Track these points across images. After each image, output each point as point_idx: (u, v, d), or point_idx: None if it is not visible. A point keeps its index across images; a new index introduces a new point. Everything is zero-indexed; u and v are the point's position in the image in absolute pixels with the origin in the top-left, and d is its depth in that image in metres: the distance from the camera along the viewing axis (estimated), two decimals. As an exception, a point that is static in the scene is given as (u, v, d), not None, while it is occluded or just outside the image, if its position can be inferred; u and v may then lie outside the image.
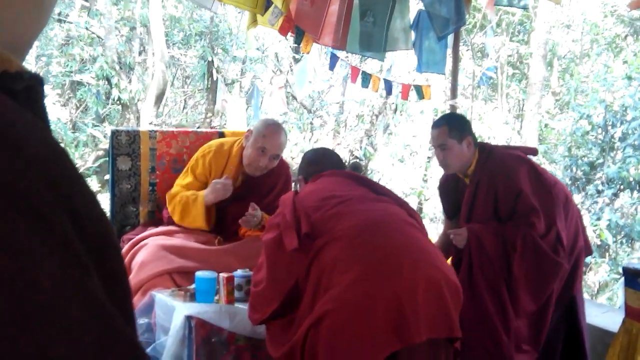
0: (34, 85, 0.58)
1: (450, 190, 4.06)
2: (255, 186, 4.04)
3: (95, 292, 0.51)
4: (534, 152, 4.15)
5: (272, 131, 3.91)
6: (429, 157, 12.76)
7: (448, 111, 5.47)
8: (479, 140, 4.03)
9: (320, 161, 3.18)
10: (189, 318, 3.10)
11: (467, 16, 5.11)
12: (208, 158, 4.07)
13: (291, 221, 2.65)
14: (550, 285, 3.60)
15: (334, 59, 5.26)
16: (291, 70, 12.83)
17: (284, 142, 3.97)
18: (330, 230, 2.58)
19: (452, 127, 3.75)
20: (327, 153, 3.32)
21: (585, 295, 8.27)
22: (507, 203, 3.62)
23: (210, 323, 3.10)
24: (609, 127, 8.62)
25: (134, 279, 3.62)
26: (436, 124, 3.88)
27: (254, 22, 4.33)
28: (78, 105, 12.93)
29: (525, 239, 3.53)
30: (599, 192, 8.33)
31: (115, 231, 4.31)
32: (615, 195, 8.37)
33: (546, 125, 12.32)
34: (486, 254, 3.57)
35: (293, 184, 4.02)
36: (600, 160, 8.64)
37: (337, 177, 3.01)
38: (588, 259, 7.88)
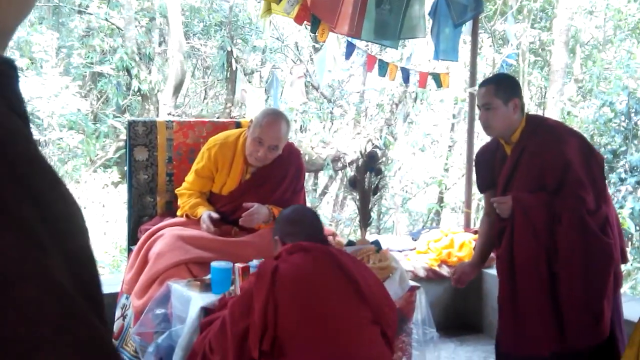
0: (4, 69, 0.57)
1: (487, 160, 3.85)
2: (266, 176, 4.02)
3: (55, 274, 0.49)
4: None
5: (269, 122, 3.86)
6: (449, 146, 12.68)
7: (468, 100, 5.41)
8: None
9: (298, 223, 2.98)
10: (204, 309, 3.10)
11: (485, 3, 5.06)
12: (213, 152, 4.04)
13: (258, 324, 2.50)
14: (600, 272, 3.38)
15: (350, 48, 5.22)
16: (311, 60, 12.79)
17: (284, 132, 3.90)
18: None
19: (499, 87, 3.57)
20: (306, 215, 3.09)
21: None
22: (554, 173, 3.42)
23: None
24: (632, 115, 8.51)
25: (150, 269, 3.63)
26: (483, 83, 3.73)
27: (268, 10, 4.31)
28: (99, 96, 13.00)
29: (572, 213, 3.35)
30: (622, 180, 8.22)
31: (132, 221, 4.33)
32: (639, 183, 8.27)
33: (569, 113, 12.17)
34: (532, 226, 3.41)
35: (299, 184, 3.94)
36: (624, 148, 8.53)
37: (319, 258, 2.74)
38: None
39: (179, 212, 4.09)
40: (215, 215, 3.90)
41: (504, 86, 3.58)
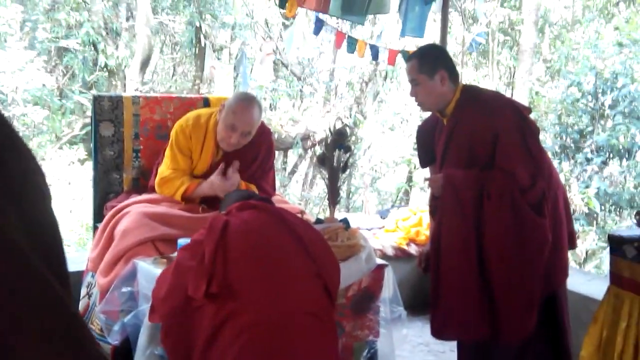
0: None
1: (425, 134, 3.71)
2: (237, 157, 3.93)
3: (8, 231, 0.47)
4: (529, 110, 3.58)
5: (242, 107, 3.78)
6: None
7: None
8: None
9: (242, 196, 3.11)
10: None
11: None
12: (188, 131, 3.94)
13: (207, 268, 2.52)
14: (532, 253, 3.19)
15: (319, 24, 5.17)
16: (281, 37, 12.70)
17: (257, 117, 3.83)
18: (236, 306, 2.48)
19: (422, 61, 3.41)
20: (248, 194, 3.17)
21: (573, 264, 8.31)
22: (484, 147, 3.25)
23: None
24: (599, 95, 8.59)
25: (116, 247, 3.58)
26: (408, 58, 3.62)
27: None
28: (65, 71, 12.78)
29: (502, 190, 3.17)
30: (588, 160, 8.31)
31: (98, 198, 4.27)
32: (605, 163, 8.37)
33: (537, 93, 12.27)
34: (460, 204, 3.25)
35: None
36: (590, 128, 8.62)
37: (268, 215, 2.80)
38: (576, 227, 7.89)
39: (177, 195, 3.91)
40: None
41: (427, 59, 3.43)
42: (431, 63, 3.40)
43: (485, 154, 3.26)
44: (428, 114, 3.79)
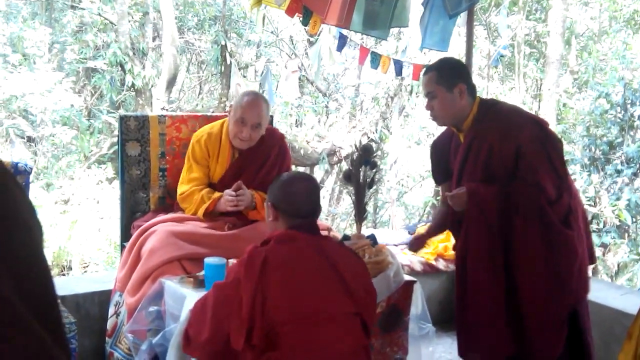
0: None
1: (440, 150, 3.60)
2: (249, 158, 4.03)
3: None
4: (547, 123, 3.46)
5: (249, 101, 3.90)
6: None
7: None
8: None
9: (296, 201, 2.80)
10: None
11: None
12: (203, 140, 4.05)
13: (246, 319, 2.44)
14: (563, 267, 3.11)
15: (342, 40, 5.17)
16: (306, 54, 12.74)
17: (265, 110, 3.93)
18: (276, 356, 2.43)
19: (441, 73, 3.31)
20: (305, 190, 2.86)
21: (604, 277, 8.18)
22: (506, 161, 3.16)
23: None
24: (628, 106, 8.48)
25: (143, 266, 3.59)
26: (425, 70, 3.46)
27: (258, 1, 4.26)
28: (93, 92, 12.93)
29: (530, 203, 3.09)
30: (618, 172, 8.20)
31: (125, 217, 4.28)
32: (635, 174, 8.24)
33: (564, 105, 12.15)
34: (486, 219, 3.15)
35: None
36: (620, 140, 8.51)
37: (307, 253, 2.68)
38: (607, 239, 7.78)
39: (200, 213, 3.95)
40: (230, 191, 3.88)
41: (446, 72, 3.33)
42: (450, 76, 3.31)
43: (505, 169, 3.17)
44: (443, 128, 3.66)
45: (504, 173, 3.17)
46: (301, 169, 11.90)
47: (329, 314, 2.57)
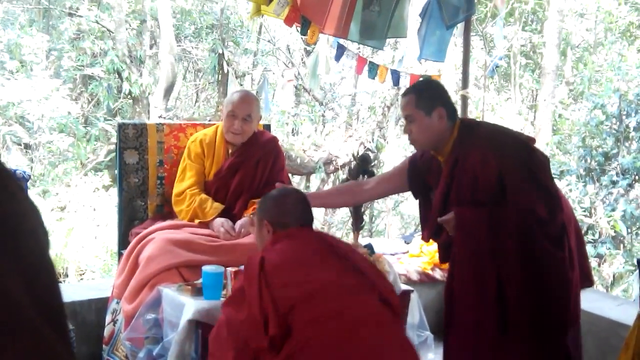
0: None
1: (417, 172, 3.44)
2: (243, 154, 4.14)
3: (2, 279, 0.47)
4: (533, 140, 3.34)
5: (238, 96, 4.11)
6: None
7: (459, 102, 5.40)
8: None
9: (288, 208, 2.84)
10: (195, 322, 3.09)
11: (477, 5, 5.05)
12: (199, 140, 4.18)
13: (258, 317, 2.40)
14: (556, 292, 2.97)
15: (340, 50, 5.20)
16: (303, 63, 12.77)
17: (255, 104, 4.13)
18: (299, 334, 2.37)
19: (420, 96, 3.19)
20: (297, 199, 2.92)
21: (600, 288, 8.20)
22: (489, 185, 3.02)
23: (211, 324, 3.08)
24: (624, 117, 8.52)
25: (141, 273, 3.60)
26: (404, 93, 3.33)
27: (257, 11, 4.29)
28: (90, 99, 12.94)
29: (519, 224, 2.95)
30: (614, 183, 8.23)
31: (122, 225, 4.29)
32: (630, 185, 8.28)
33: (560, 116, 12.20)
34: (474, 244, 3.01)
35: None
36: (615, 151, 8.54)
37: (306, 242, 2.70)
38: (602, 250, 7.80)
39: (184, 218, 4.04)
40: (229, 223, 3.94)
41: (425, 95, 3.21)
42: (429, 99, 3.19)
43: (490, 192, 3.03)
44: None
45: (490, 199, 3.04)
46: (297, 178, 11.92)
47: (339, 285, 2.52)
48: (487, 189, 3.02)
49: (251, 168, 4.12)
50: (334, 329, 2.38)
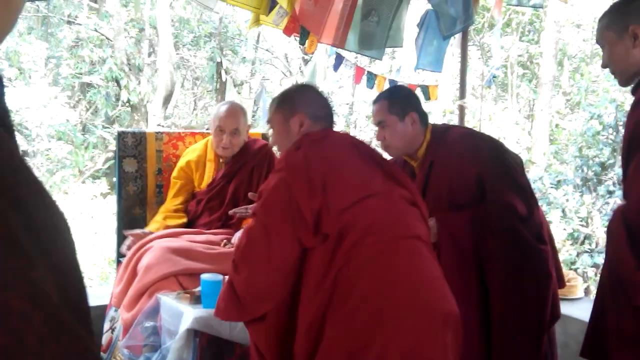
0: None
1: None
2: (237, 164, 4.19)
3: (40, 284, 0.50)
4: (501, 143, 3.35)
5: (225, 110, 4.13)
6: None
7: (457, 112, 5.43)
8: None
9: (316, 97, 2.72)
10: (193, 331, 3.10)
11: (475, 16, 5.08)
12: (186, 159, 4.27)
13: (309, 221, 2.28)
14: (537, 285, 2.97)
15: (338, 59, 5.23)
16: (301, 72, 12.81)
17: (242, 117, 4.15)
18: (354, 231, 2.28)
19: (393, 102, 3.19)
20: (318, 91, 2.79)
21: (593, 297, 8.20)
22: (468, 187, 3.03)
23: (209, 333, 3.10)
24: (620, 127, 8.55)
25: (139, 282, 3.61)
26: (376, 99, 3.32)
27: (257, 21, 4.32)
28: (88, 107, 12.97)
29: (501, 221, 2.95)
30: (610, 193, 8.26)
31: (121, 233, 4.30)
32: (627, 195, 8.30)
33: (557, 126, 12.25)
34: (459, 248, 3.00)
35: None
36: (612, 161, 8.57)
37: (345, 144, 2.57)
38: (599, 260, 7.82)
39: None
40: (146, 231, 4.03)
41: (398, 100, 3.21)
42: (402, 104, 3.20)
43: (469, 195, 3.04)
44: None
45: (469, 199, 3.04)
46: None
47: (389, 195, 2.43)
48: (465, 190, 3.04)
49: (246, 176, 4.16)
50: (380, 241, 2.31)
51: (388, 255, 2.28)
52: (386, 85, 5.50)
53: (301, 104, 2.67)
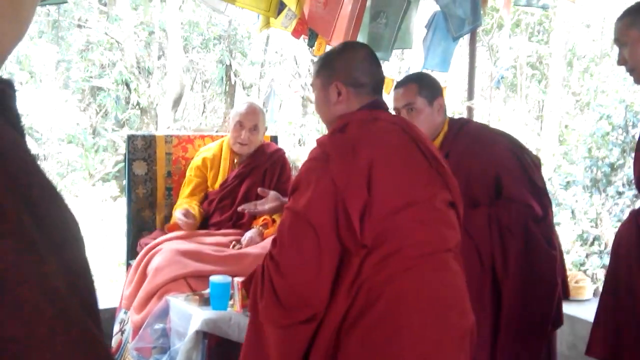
0: (4, 88, 0.60)
1: None
2: (250, 164, 4.23)
3: (51, 279, 0.52)
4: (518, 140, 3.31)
5: (245, 107, 4.20)
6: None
7: (465, 113, 5.43)
8: None
9: (363, 64, 2.42)
10: (202, 333, 3.12)
11: (483, 17, 5.08)
12: (201, 157, 4.29)
13: (356, 223, 2.11)
14: (544, 290, 2.96)
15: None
16: (310, 73, 12.81)
17: (261, 115, 4.22)
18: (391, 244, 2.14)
19: (423, 85, 3.08)
20: (370, 55, 2.50)
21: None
22: (486, 182, 2.99)
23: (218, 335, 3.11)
24: (630, 128, 8.53)
25: (149, 284, 3.64)
26: (402, 82, 3.18)
27: (266, 24, 4.35)
28: (98, 110, 13.02)
29: (516, 219, 2.92)
30: (620, 194, 8.23)
31: (131, 235, 4.33)
32: (636, 196, 8.27)
33: (566, 126, 12.21)
34: (475, 246, 2.93)
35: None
36: (621, 162, 8.54)
37: (396, 131, 2.33)
38: (608, 261, 7.81)
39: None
40: (188, 210, 4.05)
41: (428, 84, 3.11)
42: (432, 88, 3.12)
43: (486, 189, 3.01)
44: None
45: (485, 193, 3.01)
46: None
47: (429, 203, 2.26)
48: (483, 185, 2.99)
49: (259, 177, 4.19)
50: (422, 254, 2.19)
51: (413, 273, 2.15)
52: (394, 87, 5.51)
53: (341, 69, 2.38)
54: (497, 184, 2.99)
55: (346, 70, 2.37)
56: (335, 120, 2.36)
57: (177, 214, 4.02)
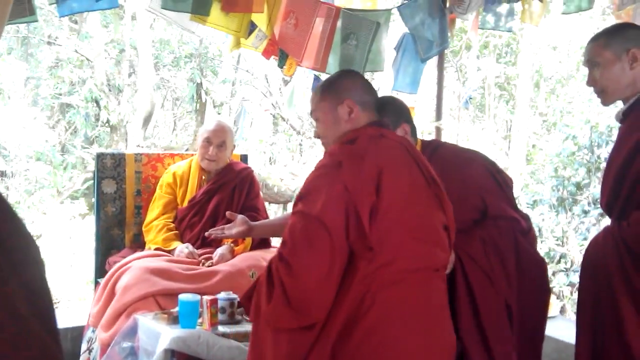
0: None
1: None
2: (219, 181, 4.26)
3: (12, 299, 0.54)
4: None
5: (214, 124, 4.27)
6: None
7: (433, 133, 5.50)
8: None
9: (364, 85, 2.57)
10: (171, 351, 3.11)
11: (452, 38, 5.16)
12: (171, 173, 4.30)
13: (366, 228, 2.19)
14: (539, 300, 3.07)
15: (316, 81, 5.28)
16: (281, 92, 12.87)
17: (229, 132, 4.27)
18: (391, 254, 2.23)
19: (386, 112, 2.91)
20: (362, 76, 2.71)
21: (572, 316, 8.28)
22: (468, 208, 3.01)
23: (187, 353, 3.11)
24: (595, 148, 8.68)
25: (117, 302, 3.62)
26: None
27: (237, 44, 4.38)
28: (67, 127, 12.92)
29: (506, 235, 2.99)
30: (585, 213, 8.36)
31: (99, 254, 4.31)
32: (602, 215, 8.41)
33: (533, 146, 12.38)
34: (480, 267, 2.95)
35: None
36: (587, 181, 8.68)
37: (401, 149, 2.43)
38: (574, 279, 7.91)
39: (149, 246, 4.11)
40: (191, 248, 3.99)
41: (392, 111, 3.03)
42: (395, 115, 3.02)
43: (467, 213, 3.00)
44: None
45: (468, 216, 3.02)
46: (274, 207, 11.95)
47: (428, 226, 2.36)
48: (466, 208, 3.00)
49: (227, 194, 4.22)
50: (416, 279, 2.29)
51: (401, 286, 2.24)
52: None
53: (348, 89, 2.51)
54: (483, 204, 3.04)
55: (354, 89, 2.51)
56: (342, 137, 2.46)
57: (181, 255, 4.01)
